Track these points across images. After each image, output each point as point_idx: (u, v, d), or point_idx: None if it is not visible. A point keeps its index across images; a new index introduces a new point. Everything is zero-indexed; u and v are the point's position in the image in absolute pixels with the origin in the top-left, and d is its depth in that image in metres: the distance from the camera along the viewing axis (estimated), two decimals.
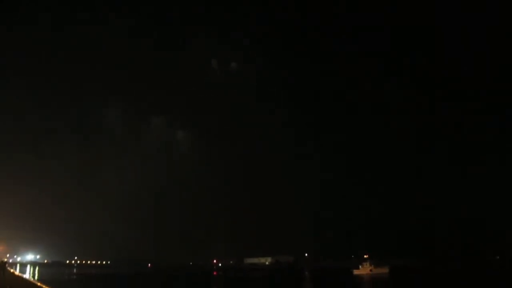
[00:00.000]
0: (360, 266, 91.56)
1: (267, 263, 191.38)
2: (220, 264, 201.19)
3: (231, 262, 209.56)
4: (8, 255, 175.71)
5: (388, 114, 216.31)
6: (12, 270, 79.84)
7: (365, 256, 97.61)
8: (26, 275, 73.59)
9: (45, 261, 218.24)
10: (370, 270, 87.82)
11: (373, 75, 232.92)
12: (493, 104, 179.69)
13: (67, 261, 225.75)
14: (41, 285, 39.00)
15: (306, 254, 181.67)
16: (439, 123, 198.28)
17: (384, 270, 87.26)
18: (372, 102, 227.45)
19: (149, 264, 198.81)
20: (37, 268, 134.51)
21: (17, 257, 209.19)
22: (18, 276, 59.93)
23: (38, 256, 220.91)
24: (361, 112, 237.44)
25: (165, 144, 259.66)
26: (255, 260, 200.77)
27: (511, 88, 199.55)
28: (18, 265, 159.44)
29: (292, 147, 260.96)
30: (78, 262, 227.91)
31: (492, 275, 75.56)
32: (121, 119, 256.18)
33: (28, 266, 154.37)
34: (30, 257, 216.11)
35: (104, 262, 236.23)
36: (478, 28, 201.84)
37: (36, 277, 72.98)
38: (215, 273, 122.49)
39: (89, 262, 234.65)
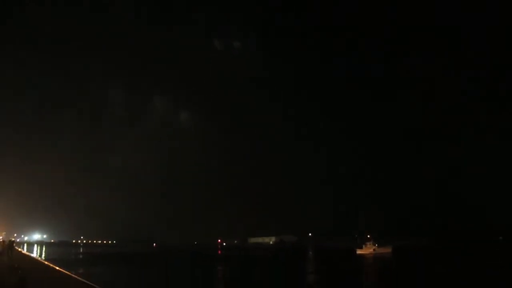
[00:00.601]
0: (363, 246, 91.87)
1: (271, 242, 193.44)
2: (224, 244, 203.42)
3: (235, 241, 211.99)
4: (15, 235, 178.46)
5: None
6: (19, 249, 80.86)
7: (368, 236, 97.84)
8: (34, 254, 74.58)
9: (52, 240, 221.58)
10: (373, 250, 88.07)
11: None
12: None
13: (73, 241, 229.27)
14: (48, 263, 39.33)
15: (310, 234, 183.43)
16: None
17: (387, 250, 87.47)
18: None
19: (154, 244, 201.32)
20: (44, 247, 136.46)
21: (24, 237, 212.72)
22: (25, 255, 60.64)
23: (45, 236, 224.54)
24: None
25: (167, 127, 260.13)
26: (259, 240, 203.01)
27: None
28: (25, 244, 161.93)
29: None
30: (84, 241, 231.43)
31: (493, 256, 75.77)
32: (129, 100, 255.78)
33: (35, 245, 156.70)
34: (37, 236, 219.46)
35: (109, 242, 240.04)
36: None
37: (43, 256, 73.98)
38: (219, 252, 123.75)
39: (95, 241, 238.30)
